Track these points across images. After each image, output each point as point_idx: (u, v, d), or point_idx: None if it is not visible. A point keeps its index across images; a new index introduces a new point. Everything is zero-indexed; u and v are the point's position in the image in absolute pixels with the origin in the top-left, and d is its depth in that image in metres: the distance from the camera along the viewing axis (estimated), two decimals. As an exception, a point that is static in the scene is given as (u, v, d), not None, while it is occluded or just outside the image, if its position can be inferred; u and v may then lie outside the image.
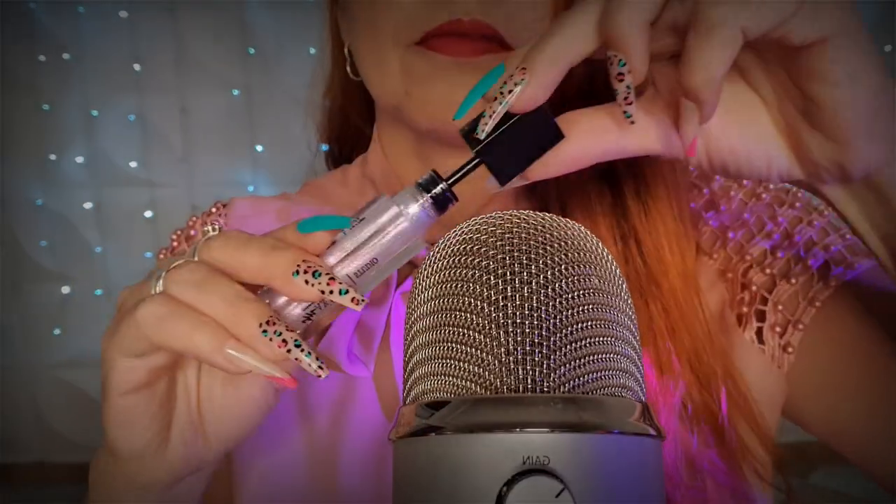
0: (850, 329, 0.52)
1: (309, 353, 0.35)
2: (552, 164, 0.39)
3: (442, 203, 0.39)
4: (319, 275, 0.35)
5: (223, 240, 0.38)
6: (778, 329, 0.53)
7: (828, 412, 0.53)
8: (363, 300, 0.36)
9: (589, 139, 0.39)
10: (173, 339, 0.35)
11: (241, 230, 0.59)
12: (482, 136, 0.38)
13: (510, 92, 0.36)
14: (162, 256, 0.60)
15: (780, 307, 0.53)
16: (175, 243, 0.61)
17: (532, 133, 0.38)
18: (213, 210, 0.62)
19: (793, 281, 0.53)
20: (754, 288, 0.54)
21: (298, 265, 0.36)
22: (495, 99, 0.37)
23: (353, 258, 0.38)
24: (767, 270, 0.54)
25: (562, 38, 0.36)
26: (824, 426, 0.54)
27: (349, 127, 0.68)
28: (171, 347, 0.36)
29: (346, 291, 0.35)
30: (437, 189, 0.39)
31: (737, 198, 0.57)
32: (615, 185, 0.51)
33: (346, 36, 0.59)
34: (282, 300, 0.38)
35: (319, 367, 0.36)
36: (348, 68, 0.60)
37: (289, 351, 0.35)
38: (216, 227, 0.41)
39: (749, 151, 0.38)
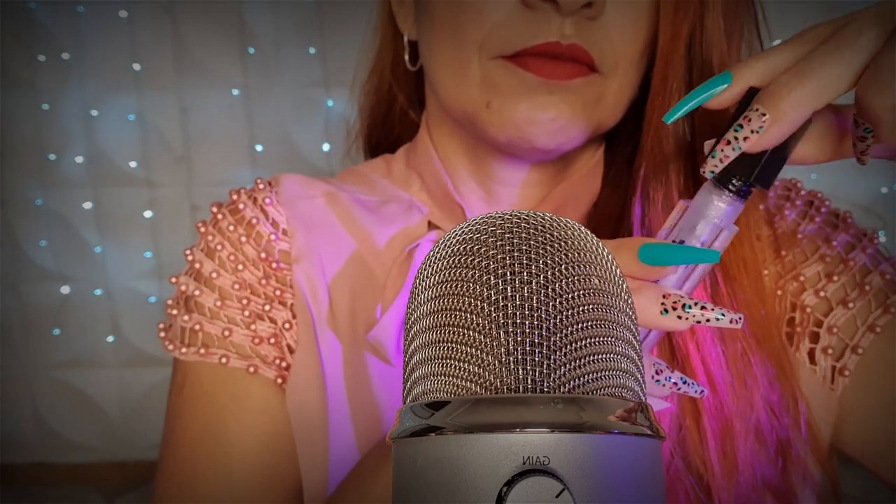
0: None
1: (687, 381, 0.38)
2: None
3: (745, 193, 0.39)
4: (690, 307, 0.36)
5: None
6: (831, 352, 0.54)
7: (872, 433, 0.54)
8: (740, 319, 0.37)
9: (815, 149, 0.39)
10: None
11: (295, 206, 0.59)
12: (708, 175, 0.38)
13: (745, 139, 0.36)
14: (203, 229, 0.60)
15: (835, 330, 0.54)
16: (219, 216, 0.60)
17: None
18: (261, 186, 0.60)
19: (850, 306, 0.54)
20: (808, 310, 0.55)
21: (663, 303, 0.36)
22: (728, 143, 0.36)
23: (692, 276, 0.39)
24: (822, 294, 0.55)
25: (811, 86, 0.34)
26: (864, 446, 0.54)
27: (395, 111, 0.67)
28: None
29: (723, 315, 0.36)
30: (735, 184, 0.39)
31: (790, 217, 0.58)
32: None
33: (411, 28, 0.59)
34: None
35: (701, 391, 0.38)
36: (406, 57, 0.60)
37: (679, 389, 0.38)
38: None
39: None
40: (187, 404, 0.57)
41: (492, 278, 0.27)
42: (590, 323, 0.27)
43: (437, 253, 0.30)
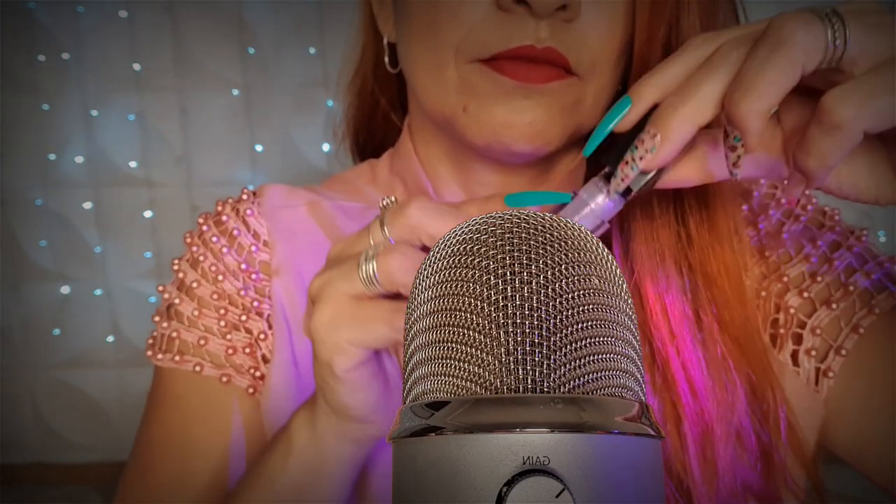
0: (891, 355, 0.52)
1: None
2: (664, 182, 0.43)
3: (627, 190, 0.43)
4: None
5: (420, 208, 0.42)
6: (814, 353, 0.53)
7: (859, 434, 0.53)
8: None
9: (695, 170, 0.43)
10: None
11: (276, 217, 0.60)
12: (614, 194, 0.43)
13: (641, 158, 0.40)
14: (189, 240, 0.61)
15: (818, 331, 0.53)
16: (204, 227, 0.61)
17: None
18: (244, 197, 0.61)
19: (833, 306, 0.53)
20: (791, 311, 0.54)
21: None
22: (626, 163, 0.41)
23: None
24: (805, 294, 0.54)
25: (692, 105, 0.38)
26: (853, 448, 0.54)
27: (378, 114, 0.66)
28: None
29: None
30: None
31: (775, 216, 0.57)
32: (682, 217, 0.52)
33: (391, 29, 0.58)
34: None
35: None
36: (386, 59, 0.59)
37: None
38: (393, 199, 0.45)
39: (858, 181, 0.40)
40: (159, 408, 0.58)
41: (492, 278, 0.27)
42: (590, 323, 0.27)
43: (437, 253, 0.30)
